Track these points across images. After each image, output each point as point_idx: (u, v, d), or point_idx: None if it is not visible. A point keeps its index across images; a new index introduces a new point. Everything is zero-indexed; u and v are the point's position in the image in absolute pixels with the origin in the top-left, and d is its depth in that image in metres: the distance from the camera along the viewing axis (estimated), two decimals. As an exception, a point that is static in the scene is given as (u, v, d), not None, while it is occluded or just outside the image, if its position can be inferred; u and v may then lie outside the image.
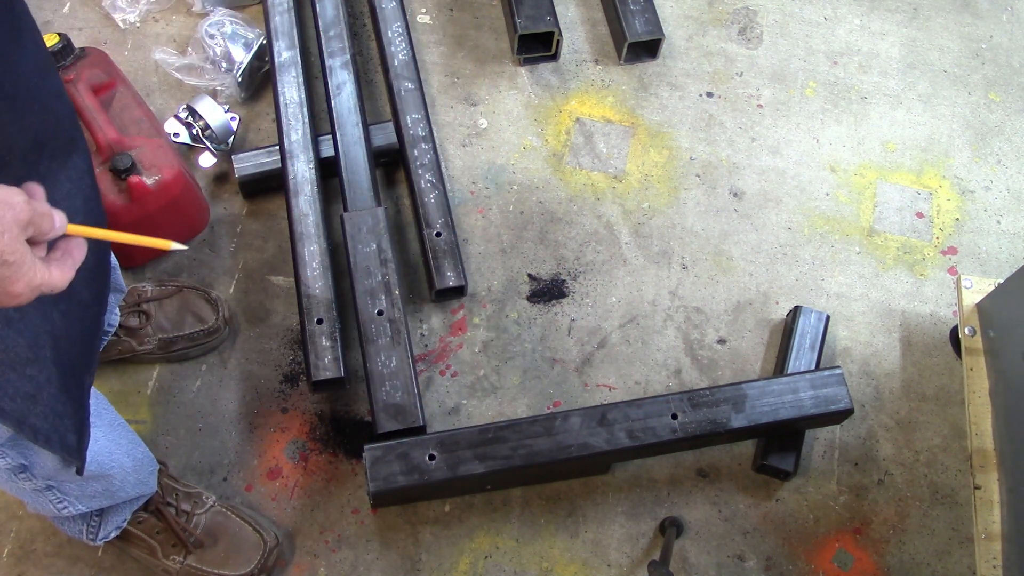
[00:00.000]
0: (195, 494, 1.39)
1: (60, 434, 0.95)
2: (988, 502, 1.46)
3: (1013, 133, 1.96)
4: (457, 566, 1.46)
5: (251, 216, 1.73)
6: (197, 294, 1.56)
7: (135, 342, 1.51)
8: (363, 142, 1.70)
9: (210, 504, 1.39)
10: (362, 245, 1.58)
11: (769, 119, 1.93)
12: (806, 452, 1.57)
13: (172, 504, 1.36)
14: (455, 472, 1.36)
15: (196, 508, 1.38)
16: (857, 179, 1.87)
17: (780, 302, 1.72)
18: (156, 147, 1.52)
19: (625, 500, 1.53)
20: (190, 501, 1.38)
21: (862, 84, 1.99)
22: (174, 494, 1.37)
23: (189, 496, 1.39)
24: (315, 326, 1.50)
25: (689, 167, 1.86)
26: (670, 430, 1.41)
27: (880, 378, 1.66)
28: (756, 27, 2.05)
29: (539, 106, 1.90)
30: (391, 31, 1.86)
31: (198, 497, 1.39)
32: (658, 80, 1.95)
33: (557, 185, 1.81)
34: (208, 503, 1.39)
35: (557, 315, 1.68)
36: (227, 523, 1.39)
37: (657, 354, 1.66)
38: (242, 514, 1.41)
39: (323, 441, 1.53)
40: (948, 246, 1.81)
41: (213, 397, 1.55)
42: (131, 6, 1.89)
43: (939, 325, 1.72)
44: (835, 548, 1.52)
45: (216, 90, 1.80)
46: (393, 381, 1.47)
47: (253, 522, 1.40)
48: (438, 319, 1.66)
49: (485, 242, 1.74)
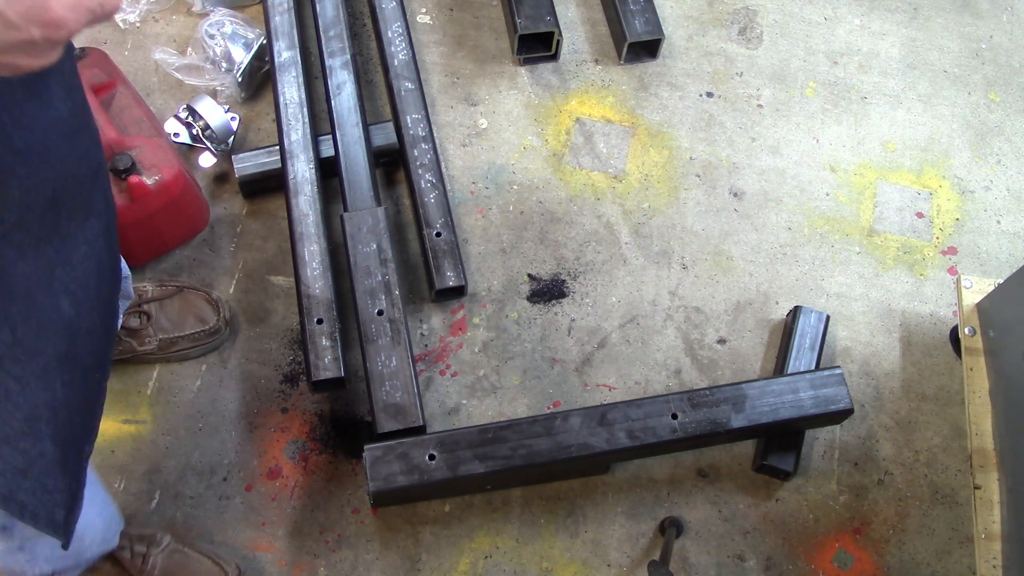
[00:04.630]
0: (148, 535, 1.36)
1: (48, 510, 0.91)
2: (988, 502, 1.46)
3: (1013, 133, 1.96)
4: (457, 566, 1.46)
5: (251, 216, 1.73)
6: (198, 294, 1.56)
7: (136, 342, 1.51)
8: (363, 142, 1.70)
9: (165, 543, 1.36)
10: (362, 245, 1.58)
11: (769, 119, 1.93)
12: (806, 452, 1.57)
13: (126, 547, 1.33)
14: (455, 472, 1.36)
15: (152, 548, 1.35)
16: (857, 179, 1.87)
17: (780, 302, 1.72)
18: (156, 147, 1.52)
19: (625, 500, 1.53)
20: (144, 543, 1.35)
21: (862, 84, 1.99)
22: (127, 538, 1.34)
23: (143, 538, 1.36)
24: (315, 326, 1.50)
25: (689, 167, 1.86)
26: (670, 430, 1.41)
27: (880, 378, 1.66)
28: (756, 27, 2.05)
29: (539, 106, 1.90)
30: (391, 31, 1.86)
31: (152, 538, 1.36)
32: (658, 80, 1.95)
33: (557, 185, 1.81)
34: (163, 543, 1.36)
35: (557, 315, 1.68)
36: (185, 560, 1.36)
37: (657, 354, 1.66)
38: (200, 549, 1.38)
39: (323, 441, 1.53)
40: (948, 246, 1.81)
41: (213, 397, 1.55)
42: (131, 6, 1.89)
43: (939, 325, 1.72)
44: (835, 548, 1.52)
45: (216, 90, 1.80)
46: (393, 381, 1.46)
47: (212, 555, 1.38)
48: (438, 319, 1.66)
49: (485, 242, 1.74)
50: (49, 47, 0.58)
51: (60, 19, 0.56)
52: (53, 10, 0.55)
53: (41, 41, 0.56)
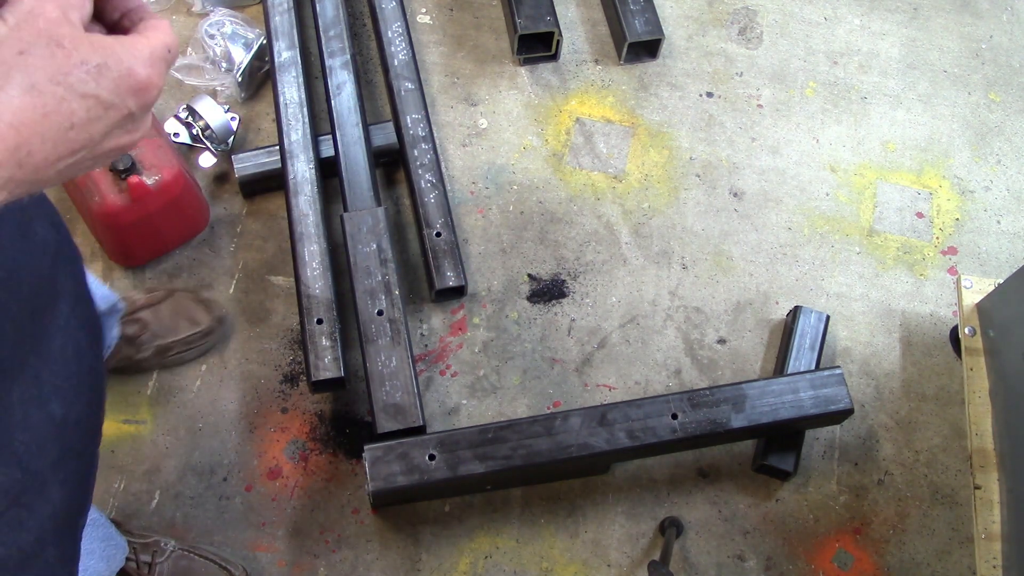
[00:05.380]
0: (152, 543, 1.35)
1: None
2: (988, 502, 1.46)
3: (1013, 133, 1.96)
4: (457, 566, 1.46)
5: (251, 216, 1.73)
6: (187, 296, 1.55)
7: (133, 350, 1.50)
8: (363, 142, 1.70)
9: (170, 550, 1.35)
10: (362, 245, 1.58)
11: (769, 119, 1.93)
12: (806, 452, 1.57)
13: (131, 559, 1.32)
14: (455, 472, 1.36)
15: (156, 557, 1.34)
16: (857, 179, 1.87)
17: (780, 302, 1.72)
18: (156, 147, 1.52)
19: (625, 500, 1.53)
20: (148, 551, 1.34)
21: (862, 84, 1.99)
22: (132, 548, 1.32)
23: (147, 547, 1.34)
24: (315, 326, 1.50)
25: (689, 167, 1.86)
26: (670, 430, 1.41)
27: (880, 378, 1.66)
28: (756, 27, 2.05)
29: (539, 106, 1.90)
30: (391, 31, 1.86)
31: (156, 546, 1.35)
32: (658, 80, 1.95)
33: (557, 185, 1.81)
34: (167, 549, 1.35)
35: (557, 315, 1.68)
36: (191, 565, 1.36)
37: (657, 354, 1.66)
38: (205, 553, 1.38)
39: (323, 441, 1.53)
40: (948, 246, 1.81)
41: (213, 397, 1.55)
42: (131, 6, 1.89)
43: (939, 325, 1.72)
44: (835, 548, 1.52)
45: (216, 90, 1.80)
46: (393, 381, 1.46)
47: (218, 558, 1.37)
48: (438, 319, 1.66)
49: (485, 242, 1.74)
50: (144, 115, 0.56)
51: (147, 80, 0.53)
52: (139, 73, 0.53)
53: (137, 111, 0.54)
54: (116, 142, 0.54)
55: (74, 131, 0.50)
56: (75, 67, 0.49)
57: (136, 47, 0.52)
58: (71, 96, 0.49)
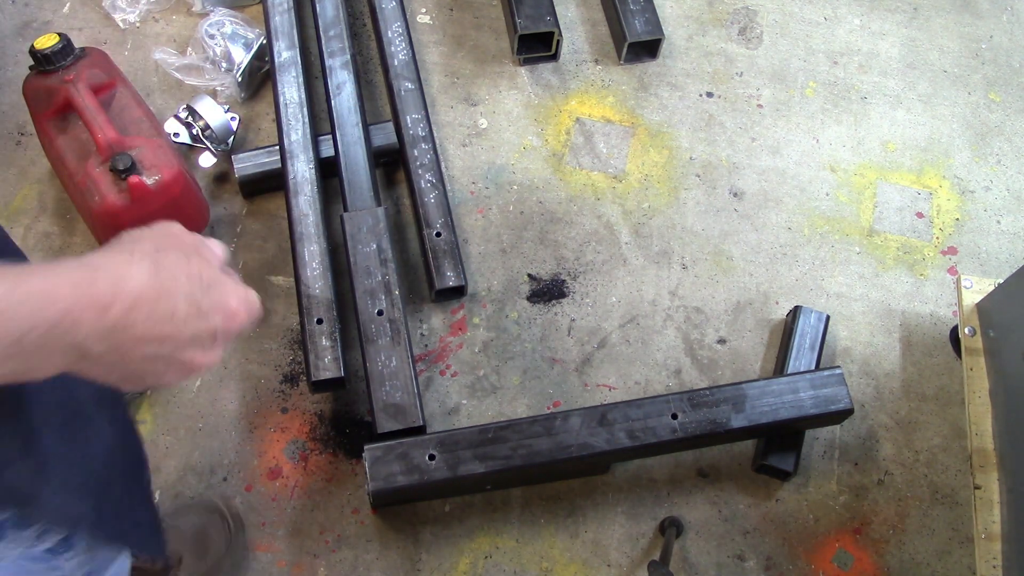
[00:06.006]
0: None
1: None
2: (988, 502, 1.46)
3: (1013, 133, 1.96)
4: (457, 566, 1.46)
5: (251, 216, 1.73)
6: None
7: None
8: (363, 142, 1.70)
9: None
10: (362, 245, 1.58)
11: (769, 119, 1.93)
12: (806, 452, 1.57)
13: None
14: (455, 472, 1.36)
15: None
16: (857, 179, 1.87)
17: (780, 302, 1.72)
18: (156, 147, 1.52)
19: (625, 500, 1.53)
20: None
21: (862, 84, 1.99)
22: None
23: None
24: (315, 326, 1.50)
25: (689, 167, 1.86)
26: (670, 430, 1.41)
27: (880, 378, 1.66)
28: (756, 27, 2.05)
29: (539, 106, 1.90)
30: (391, 31, 1.86)
31: None
32: (658, 80, 1.95)
33: (557, 185, 1.81)
34: None
35: (557, 315, 1.68)
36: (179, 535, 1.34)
37: (657, 354, 1.66)
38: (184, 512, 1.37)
39: (323, 441, 1.53)
40: (948, 246, 1.81)
41: (213, 397, 1.55)
42: (131, 6, 1.89)
43: (939, 325, 1.72)
44: (835, 548, 1.52)
45: (216, 90, 1.80)
46: (393, 381, 1.46)
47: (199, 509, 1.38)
48: (438, 319, 1.66)
49: (485, 242, 1.74)
50: (222, 340, 0.64)
51: (236, 311, 0.64)
52: (231, 302, 0.63)
53: (220, 332, 0.63)
54: (192, 354, 0.62)
55: (171, 324, 0.59)
56: (193, 276, 0.60)
57: (237, 288, 0.65)
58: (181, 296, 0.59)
